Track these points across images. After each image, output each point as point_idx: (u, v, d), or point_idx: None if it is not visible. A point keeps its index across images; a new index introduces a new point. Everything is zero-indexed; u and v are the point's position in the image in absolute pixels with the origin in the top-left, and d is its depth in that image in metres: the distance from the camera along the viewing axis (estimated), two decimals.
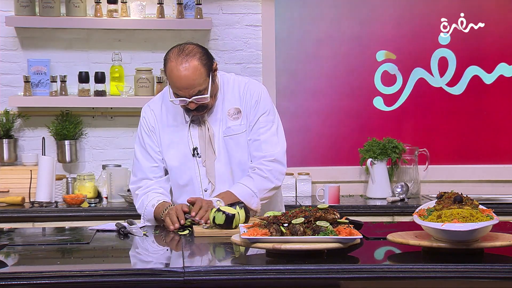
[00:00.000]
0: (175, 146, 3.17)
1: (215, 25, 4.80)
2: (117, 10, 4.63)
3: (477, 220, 2.35)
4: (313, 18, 4.88)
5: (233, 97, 3.18)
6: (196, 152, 3.15)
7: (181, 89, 3.00)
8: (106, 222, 3.31)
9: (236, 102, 3.17)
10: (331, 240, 2.40)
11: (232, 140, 3.15)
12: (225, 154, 3.16)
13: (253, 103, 3.16)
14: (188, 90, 3.00)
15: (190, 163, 3.16)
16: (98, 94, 4.65)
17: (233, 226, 2.85)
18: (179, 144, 3.17)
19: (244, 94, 3.18)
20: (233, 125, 3.15)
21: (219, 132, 3.15)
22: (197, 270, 2.26)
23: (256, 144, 3.15)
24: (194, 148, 3.15)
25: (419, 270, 2.29)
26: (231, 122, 3.15)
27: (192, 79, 2.99)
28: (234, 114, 3.16)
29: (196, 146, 3.15)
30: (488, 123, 4.93)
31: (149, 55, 4.80)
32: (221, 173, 3.16)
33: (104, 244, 2.80)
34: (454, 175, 4.89)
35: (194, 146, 3.15)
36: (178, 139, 3.17)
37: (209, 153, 3.14)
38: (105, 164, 4.70)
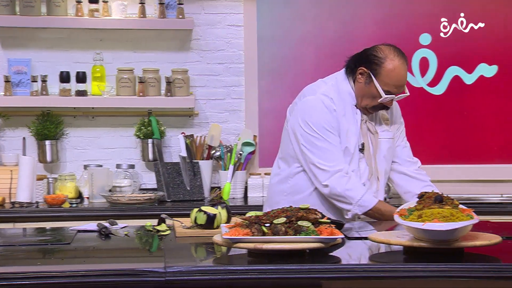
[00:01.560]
0: (351, 135, 3.28)
1: (197, 25, 4.79)
2: (98, 9, 4.61)
3: (458, 220, 2.37)
4: (296, 17, 4.89)
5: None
6: (363, 147, 3.30)
7: (398, 86, 3.23)
8: (88, 223, 3.29)
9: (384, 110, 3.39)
10: (312, 240, 2.40)
11: (387, 144, 3.38)
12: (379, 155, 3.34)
13: (399, 115, 3.49)
14: (401, 88, 3.25)
15: (356, 155, 3.28)
16: (79, 94, 4.62)
17: (215, 226, 2.84)
18: (350, 135, 3.28)
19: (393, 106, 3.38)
20: (386, 129, 3.40)
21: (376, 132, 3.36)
22: (179, 270, 2.26)
23: (406, 149, 3.50)
24: (362, 143, 3.29)
25: (400, 270, 2.30)
26: (385, 126, 3.39)
27: (406, 78, 3.27)
28: (385, 120, 3.41)
29: (364, 142, 3.30)
30: (469, 123, 4.96)
31: (131, 55, 4.78)
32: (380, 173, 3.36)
33: (85, 245, 2.79)
34: (435, 175, 4.86)
35: (362, 141, 3.30)
36: (350, 131, 3.28)
37: (374, 151, 3.32)
38: (86, 164, 4.68)
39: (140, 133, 4.67)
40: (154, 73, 4.72)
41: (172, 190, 4.55)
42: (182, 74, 4.72)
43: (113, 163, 4.71)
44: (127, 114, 4.78)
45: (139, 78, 4.67)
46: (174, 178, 4.59)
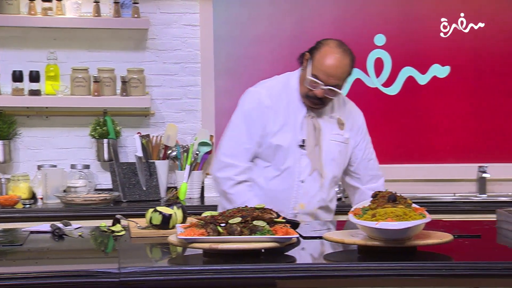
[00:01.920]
0: (286, 131, 3.28)
1: (152, 25, 4.77)
2: (52, 8, 4.56)
3: (410, 219, 2.40)
4: (252, 17, 4.90)
5: (339, 108, 3.41)
6: (303, 143, 3.29)
7: (326, 74, 3.20)
8: (41, 223, 3.25)
9: (342, 114, 3.40)
10: (267, 239, 2.41)
11: (338, 147, 3.36)
12: (327, 155, 3.33)
13: (361, 125, 3.47)
14: (330, 78, 3.20)
15: (295, 151, 3.28)
16: (32, 94, 4.56)
17: (170, 226, 2.83)
18: (291, 131, 3.28)
19: (351, 113, 3.44)
20: (340, 133, 3.38)
21: (325, 133, 3.33)
22: (133, 271, 2.24)
23: (371, 162, 3.51)
24: (303, 139, 3.29)
25: (354, 269, 2.32)
26: (338, 130, 3.38)
27: (340, 72, 3.22)
28: (341, 124, 3.39)
29: (305, 138, 3.29)
30: (422, 123, 5.03)
31: (85, 54, 4.74)
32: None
33: (38, 246, 2.75)
34: (389, 174, 4.93)
35: (303, 137, 3.29)
36: (291, 125, 3.29)
37: (317, 147, 3.30)
38: (40, 164, 4.62)
39: (95, 133, 4.63)
40: (110, 72, 4.68)
41: (128, 190, 4.52)
42: (138, 74, 4.70)
43: (68, 163, 4.66)
44: (82, 114, 4.73)
45: (94, 78, 4.62)
46: (130, 178, 4.55)
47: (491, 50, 5.02)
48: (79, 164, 4.64)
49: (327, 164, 3.34)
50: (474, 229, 2.97)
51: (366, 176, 3.48)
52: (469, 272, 2.33)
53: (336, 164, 3.37)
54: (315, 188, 3.32)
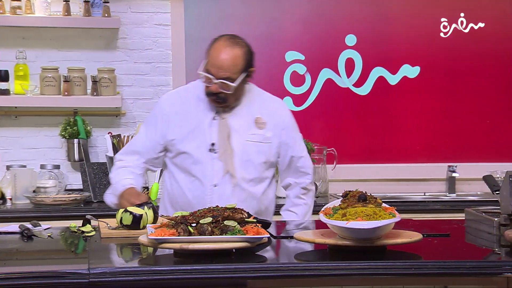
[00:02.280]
0: (194, 137, 3.24)
1: (123, 24, 4.74)
2: (21, 7, 4.51)
3: (380, 218, 2.41)
4: (223, 16, 4.89)
5: (260, 107, 3.33)
6: (213, 147, 3.22)
7: (215, 67, 3.14)
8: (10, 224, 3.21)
9: (262, 113, 3.32)
10: (238, 239, 2.41)
11: (255, 147, 3.28)
12: (242, 156, 3.26)
13: (283, 121, 3.36)
14: (219, 71, 3.14)
15: (205, 156, 3.23)
16: (1, 93, 4.52)
17: (141, 227, 2.82)
18: (198, 136, 3.24)
19: (272, 109, 3.35)
20: (258, 133, 3.29)
21: (240, 133, 3.26)
22: (103, 272, 2.23)
23: (302, 160, 3.41)
24: (212, 143, 3.23)
25: (324, 268, 2.33)
26: (256, 130, 3.29)
27: (228, 63, 3.14)
28: (260, 124, 3.30)
29: (214, 142, 3.22)
30: (393, 123, 5.06)
31: (55, 54, 4.70)
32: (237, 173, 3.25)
33: (6, 247, 2.73)
34: (360, 174, 4.99)
35: (213, 141, 3.23)
36: (198, 131, 3.24)
37: (228, 149, 3.22)
38: (9, 164, 4.58)
39: (66, 133, 4.59)
40: (80, 72, 4.65)
41: (98, 190, 4.49)
42: (109, 73, 4.67)
43: (38, 163, 4.61)
44: (52, 114, 4.69)
45: (64, 77, 4.59)
46: (100, 179, 4.53)
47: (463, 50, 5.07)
48: (49, 164, 4.59)
49: (242, 165, 3.25)
50: (443, 228, 3.00)
51: (295, 173, 3.41)
52: (438, 271, 2.35)
53: (253, 164, 3.27)
54: (228, 191, 3.24)
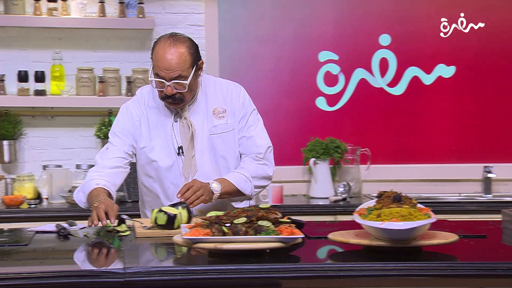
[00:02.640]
0: (160, 144, 3.20)
1: (157, 25, 4.77)
2: (57, 8, 4.56)
3: (415, 219, 2.39)
4: (256, 17, 4.90)
5: (216, 97, 3.27)
6: (181, 150, 3.19)
7: (163, 69, 3.06)
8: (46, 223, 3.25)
9: (220, 102, 3.26)
10: (272, 239, 2.41)
11: (219, 139, 3.23)
12: (210, 152, 3.22)
13: (240, 104, 3.28)
14: (169, 72, 3.06)
15: (175, 161, 3.20)
16: (38, 94, 4.57)
17: (175, 227, 2.83)
18: (164, 142, 3.20)
19: (229, 95, 3.28)
20: (219, 123, 3.24)
21: (203, 129, 3.21)
22: (138, 271, 2.24)
23: (250, 140, 3.28)
24: (179, 147, 3.19)
25: (359, 269, 2.32)
26: (216, 120, 3.23)
27: (176, 62, 3.06)
28: (220, 113, 3.25)
29: (181, 145, 3.19)
30: (427, 123, 5.02)
31: (90, 54, 4.74)
32: (207, 170, 3.20)
33: (43, 246, 2.76)
34: (394, 174, 4.96)
35: (179, 144, 3.19)
36: (162, 137, 3.20)
37: (189, 150, 3.19)
38: (45, 164, 4.63)
39: (100, 133, 4.63)
40: (114, 72, 4.69)
41: (133, 190, 4.52)
42: (143, 74, 4.70)
43: (73, 163, 4.66)
44: (87, 114, 4.74)
45: (99, 78, 4.63)
46: (134, 178, 4.53)
47: (495, 49, 5.01)
48: (84, 164, 4.64)
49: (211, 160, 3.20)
50: (479, 229, 2.96)
51: (247, 153, 3.27)
52: (474, 272, 2.32)
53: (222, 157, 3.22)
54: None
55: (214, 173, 3.21)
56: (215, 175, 3.21)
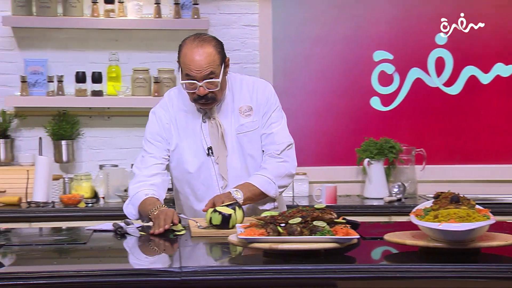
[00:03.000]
0: (190, 146, 3.20)
1: (212, 25, 4.80)
2: (114, 10, 4.63)
3: (474, 220, 2.36)
4: (310, 18, 4.89)
5: (242, 95, 3.24)
6: (211, 151, 3.18)
7: (194, 70, 3.05)
8: (103, 222, 3.30)
9: (246, 100, 3.24)
10: (328, 240, 2.40)
11: (246, 137, 3.21)
12: (238, 151, 3.21)
13: (264, 101, 3.24)
14: (200, 71, 3.05)
15: (206, 162, 3.19)
16: (95, 94, 4.64)
17: (230, 226, 2.84)
18: (193, 144, 3.20)
19: (255, 92, 3.24)
20: (246, 122, 3.21)
21: (231, 129, 3.20)
22: (194, 270, 2.26)
23: (270, 137, 3.23)
24: (208, 147, 3.19)
25: (416, 270, 2.29)
26: (243, 119, 3.21)
27: (206, 61, 3.06)
28: (246, 112, 3.23)
29: (211, 146, 3.18)
30: (485, 123, 4.94)
31: (146, 55, 4.80)
32: (236, 169, 3.20)
33: (101, 244, 2.80)
34: (450, 175, 4.89)
35: (209, 145, 3.19)
36: (192, 139, 3.20)
37: (222, 150, 3.18)
38: (102, 164, 4.70)
39: None
40: (169, 73, 4.73)
41: None
42: None
43: (128, 163, 4.71)
44: (143, 114, 4.76)
45: (155, 78, 4.68)
46: None
47: None
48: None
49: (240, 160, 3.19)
50: None
51: (268, 151, 3.22)
52: None
53: (250, 156, 3.20)
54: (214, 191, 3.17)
55: (243, 172, 3.21)
56: (244, 174, 3.20)
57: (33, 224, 4.16)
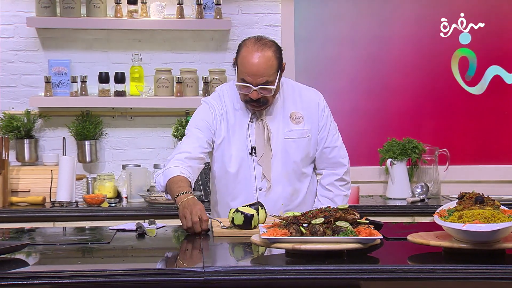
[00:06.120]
0: (234, 143, 3.22)
1: (234, 25, 4.80)
2: (137, 10, 4.65)
3: (499, 221, 2.34)
4: (332, 18, 4.88)
5: (293, 101, 3.28)
6: (254, 151, 3.20)
7: (251, 75, 3.07)
8: (126, 222, 3.32)
9: (297, 106, 3.27)
10: (351, 240, 2.39)
11: (294, 143, 3.23)
12: (283, 155, 3.22)
13: (320, 112, 3.28)
14: (256, 77, 3.07)
15: (247, 161, 3.22)
16: (118, 95, 4.67)
17: (252, 226, 2.85)
18: (238, 142, 3.22)
19: (307, 101, 3.28)
20: (296, 128, 3.24)
21: (278, 132, 3.22)
22: (217, 270, 2.26)
23: (335, 150, 3.31)
24: (252, 147, 3.21)
25: (440, 271, 2.28)
26: (293, 125, 3.24)
27: (263, 67, 3.07)
28: (297, 118, 3.25)
29: (254, 146, 3.20)
30: (509, 123, 4.90)
31: (168, 56, 4.81)
32: (276, 172, 3.22)
33: (124, 244, 2.81)
34: (474, 175, 4.86)
35: (253, 145, 3.21)
36: (237, 136, 3.22)
37: (266, 152, 3.20)
38: (124, 164, 4.72)
39: (178, 133, 4.69)
40: (192, 73, 4.74)
41: (209, 190, 4.55)
42: (220, 75, 4.74)
43: (151, 163, 4.74)
44: (165, 114, 4.81)
45: (177, 79, 4.69)
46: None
47: None
48: (162, 164, 4.70)
49: (284, 164, 3.20)
50: None
51: (329, 164, 3.31)
52: None
53: (295, 162, 3.23)
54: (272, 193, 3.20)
55: (283, 177, 3.22)
56: (284, 179, 3.21)
57: (57, 223, 4.20)
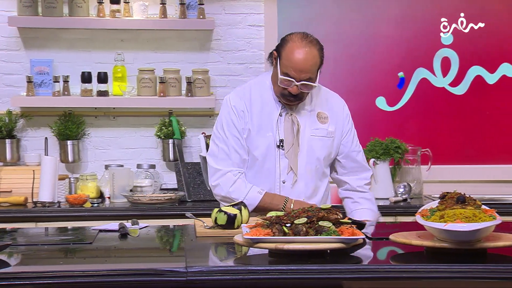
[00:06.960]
0: (262, 134, 3.26)
1: (217, 25, 4.80)
2: (120, 10, 4.63)
3: (480, 220, 2.35)
4: (316, 18, 4.88)
5: (319, 101, 3.34)
6: (282, 144, 3.24)
7: (296, 70, 3.13)
8: (109, 222, 3.31)
9: (323, 107, 3.34)
10: (333, 240, 2.40)
11: (320, 142, 3.30)
12: (308, 151, 3.28)
13: (345, 117, 3.37)
14: (301, 73, 3.13)
15: (273, 153, 3.25)
16: (100, 94, 4.65)
17: (235, 226, 2.85)
18: (266, 133, 3.26)
19: (332, 104, 3.36)
20: (321, 127, 3.31)
21: (305, 129, 3.27)
22: (200, 270, 2.26)
23: (360, 154, 3.41)
24: (281, 139, 3.25)
25: (422, 270, 2.29)
26: (320, 124, 3.31)
27: (309, 64, 3.14)
28: (323, 118, 3.32)
29: (283, 138, 3.24)
30: (491, 123, 4.93)
31: (151, 55, 4.80)
32: (302, 168, 3.27)
33: (106, 244, 2.80)
34: (457, 175, 4.88)
35: (281, 137, 3.25)
36: (266, 128, 3.26)
37: (295, 146, 3.24)
38: (107, 164, 4.70)
39: (161, 133, 4.68)
40: (175, 73, 4.73)
41: (192, 190, 4.55)
42: (203, 74, 4.73)
43: (134, 163, 4.73)
44: (148, 114, 4.80)
45: (160, 78, 4.68)
46: (194, 178, 4.59)
47: None
48: (145, 164, 4.70)
49: (309, 160, 3.26)
50: None
51: (353, 169, 3.39)
52: None
53: (318, 160, 3.29)
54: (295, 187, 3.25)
55: (308, 173, 3.27)
56: (307, 174, 3.26)
57: (39, 224, 4.17)
